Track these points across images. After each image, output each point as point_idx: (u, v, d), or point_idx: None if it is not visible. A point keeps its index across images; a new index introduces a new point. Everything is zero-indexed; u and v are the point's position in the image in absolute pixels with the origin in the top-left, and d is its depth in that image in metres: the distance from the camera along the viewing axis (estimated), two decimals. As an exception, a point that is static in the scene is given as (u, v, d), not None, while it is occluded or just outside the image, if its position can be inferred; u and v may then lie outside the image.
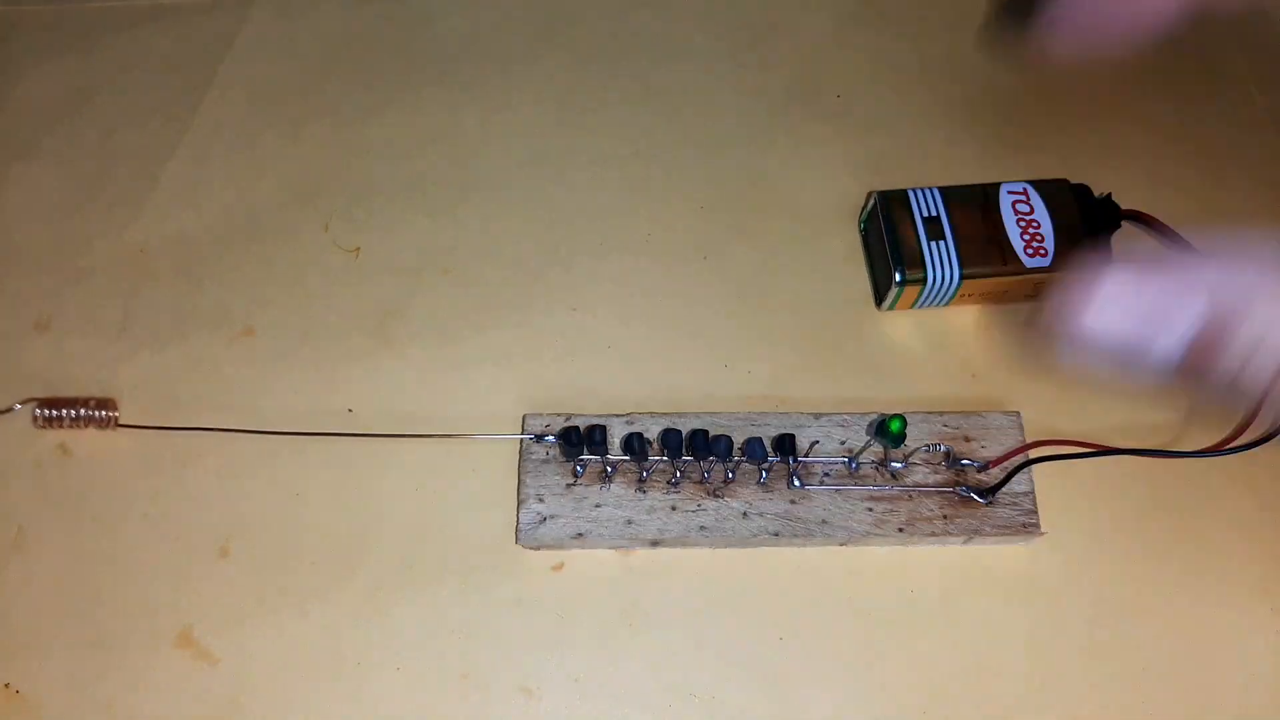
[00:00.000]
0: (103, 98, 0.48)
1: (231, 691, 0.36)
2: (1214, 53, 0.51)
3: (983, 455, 0.39)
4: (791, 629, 0.37)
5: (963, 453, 0.39)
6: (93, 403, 0.39)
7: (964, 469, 0.39)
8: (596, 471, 0.38)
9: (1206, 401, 0.39)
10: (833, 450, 0.39)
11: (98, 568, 0.38)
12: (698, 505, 0.38)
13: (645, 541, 0.38)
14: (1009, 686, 0.37)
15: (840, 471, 0.39)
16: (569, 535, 0.37)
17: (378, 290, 0.44)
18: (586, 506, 0.38)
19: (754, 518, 0.38)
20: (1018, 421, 0.40)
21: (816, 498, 0.38)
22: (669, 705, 0.36)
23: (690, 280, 0.44)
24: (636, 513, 0.38)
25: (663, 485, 0.38)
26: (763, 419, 0.39)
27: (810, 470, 0.39)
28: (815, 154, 0.47)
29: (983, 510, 0.38)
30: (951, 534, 0.38)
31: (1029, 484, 0.38)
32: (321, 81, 0.49)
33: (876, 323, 0.43)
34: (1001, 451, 0.39)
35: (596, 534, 0.37)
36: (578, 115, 0.48)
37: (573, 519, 0.37)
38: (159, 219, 0.45)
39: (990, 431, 0.40)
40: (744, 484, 0.38)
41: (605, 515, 0.37)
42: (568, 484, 0.38)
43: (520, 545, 0.37)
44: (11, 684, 0.36)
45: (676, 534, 0.37)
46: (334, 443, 0.40)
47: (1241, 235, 0.27)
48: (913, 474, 0.39)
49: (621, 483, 0.38)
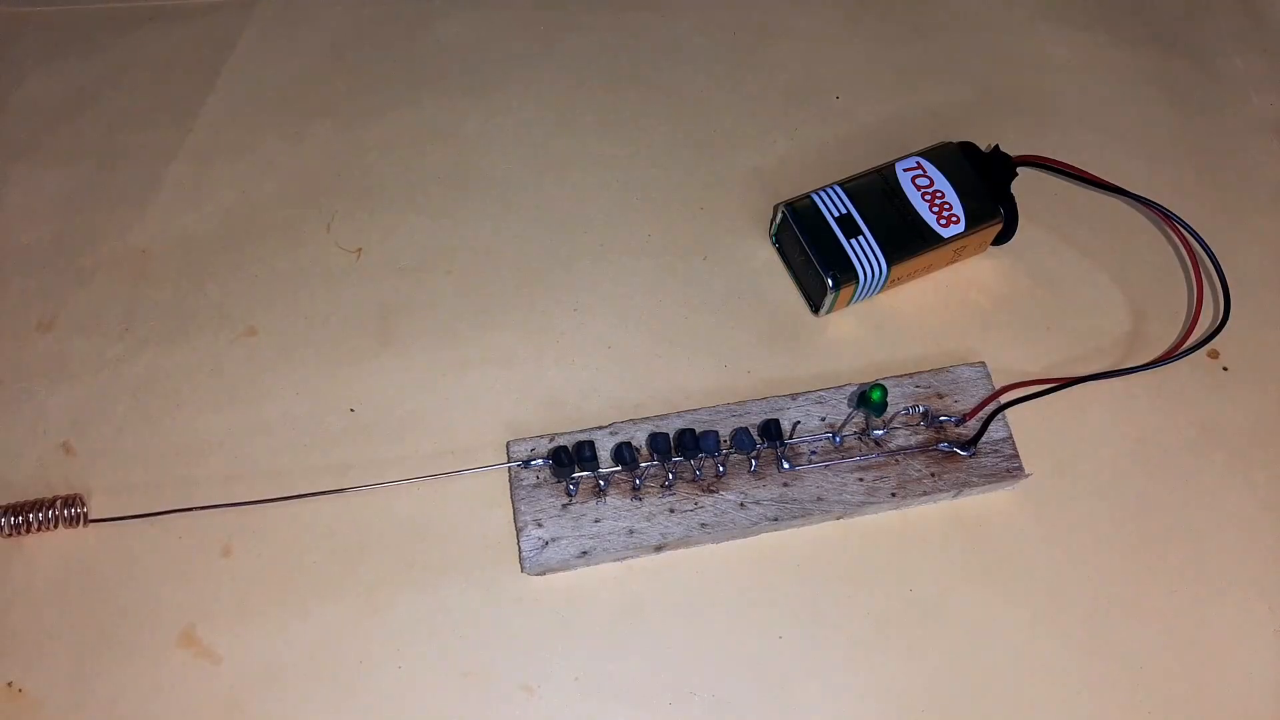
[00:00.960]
0: (105, 98, 0.48)
1: (234, 690, 0.36)
2: (1213, 53, 0.51)
3: (957, 409, 0.40)
4: (792, 627, 0.38)
5: (939, 409, 0.40)
6: (59, 502, 0.38)
7: (943, 425, 0.39)
8: (589, 487, 0.38)
9: None
10: (815, 428, 0.39)
11: (100, 567, 0.38)
12: (695, 504, 0.38)
13: (650, 549, 0.38)
14: (1008, 681, 0.37)
15: (826, 447, 0.39)
16: (573, 555, 0.37)
17: (380, 290, 0.44)
18: (586, 523, 0.38)
19: (751, 506, 0.38)
20: (985, 372, 0.41)
21: (808, 476, 0.38)
22: (669, 703, 0.36)
23: (691, 281, 0.44)
24: (636, 521, 0.38)
25: (657, 490, 0.38)
26: (743, 408, 0.40)
27: (797, 451, 0.39)
28: (814, 154, 0.47)
29: (967, 462, 0.39)
30: (942, 490, 0.38)
31: (1006, 430, 0.39)
32: (324, 83, 0.49)
33: (813, 323, 0.43)
34: (974, 403, 0.40)
35: (600, 549, 0.37)
36: (578, 115, 0.48)
37: (575, 538, 0.37)
38: (161, 219, 0.45)
39: (960, 385, 0.40)
40: (736, 475, 0.38)
41: (606, 529, 0.37)
42: (563, 504, 0.38)
43: (527, 573, 0.37)
44: (14, 683, 0.36)
45: (679, 535, 0.37)
46: (335, 443, 0.40)
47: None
48: (895, 438, 0.39)
49: (616, 494, 0.38)
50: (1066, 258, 0.45)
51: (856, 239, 0.41)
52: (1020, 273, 0.44)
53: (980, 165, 0.43)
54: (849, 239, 0.41)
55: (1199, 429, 0.41)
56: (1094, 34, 0.51)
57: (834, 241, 0.41)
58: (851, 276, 0.41)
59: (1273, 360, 0.43)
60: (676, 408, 0.41)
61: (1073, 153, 0.45)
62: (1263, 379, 0.43)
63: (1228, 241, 0.43)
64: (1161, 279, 0.45)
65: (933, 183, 0.42)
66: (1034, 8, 0.52)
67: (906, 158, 0.43)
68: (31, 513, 0.38)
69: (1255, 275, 0.44)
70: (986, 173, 0.42)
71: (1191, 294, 0.44)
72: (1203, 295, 0.43)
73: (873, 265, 0.41)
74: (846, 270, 0.41)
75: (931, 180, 0.42)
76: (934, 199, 0.42)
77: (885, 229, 0.41)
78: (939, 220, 0.42)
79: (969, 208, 0.42)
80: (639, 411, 0.41)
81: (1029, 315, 0.44)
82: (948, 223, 0.42)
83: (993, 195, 0.42)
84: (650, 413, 0.40)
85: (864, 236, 0.41)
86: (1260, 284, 0.44)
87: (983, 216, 0.42)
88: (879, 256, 0.41)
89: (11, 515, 0.38)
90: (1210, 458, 0.41)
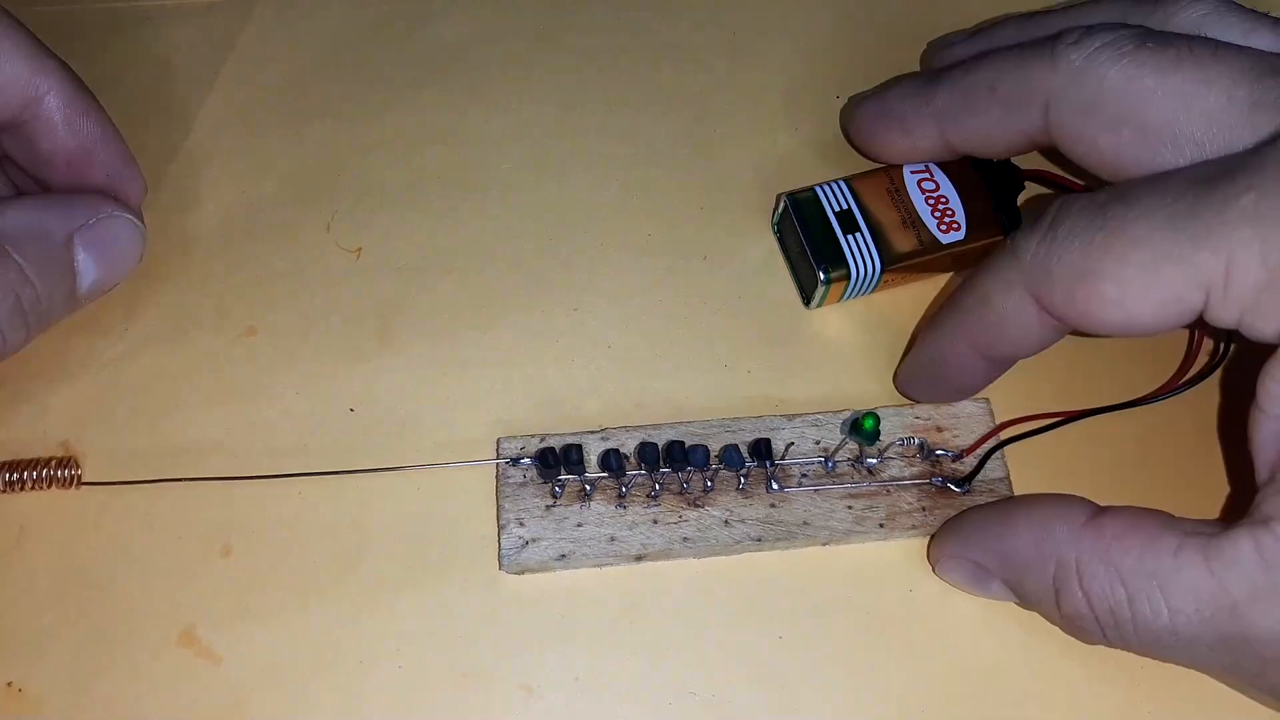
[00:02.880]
0: (104, 98, 0.47)
1: (234, 690, 0.36)
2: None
3: (956, 444, 0.39)
4: (792, 627, 0.38)
5: (936, 443, 0.39)
6: (54, 463, 0.38)
7: (939, 459, 0.39)
8: (575, 490, 0.38)
9: None
10: (808, 450, 0.39)
11: (100, 566, 0.38)
12: (679, 517, 0.38)
13: (629, 558, 0.37)
14: (1008, 680, 0.37)
15: (817, 471, 0.39)
16: (552, 557, 0.37)
17: (380, 290, 0.44)
18: (568, 527, 0.37)
19: (735, 525, 0.38)
20: (987, 409, 0.40)
21: (796, 499, 0.38)
22: (669, 703, 0.36)
23: (691, 280, 0.44)
24: (618, 529, 0.37)
25: (643, 499, 0.38)
26: (736, 424, 0.39)
27: (788, 472, 0.39)
28: (815, 153, 0.47)
29: (960, 499, 0.38)
30: (931, 525, 0.38)
31: (1003, 469, 0.39)
32: (323, 82, 0.49)
33: (810, 320, 0.43)
34: (974, 439, 0.39)
35: (580, 554, 0.37)
36: (578, 115, 0.48)
37: (555, 540, 0.37)
38: (160, 219, 0.45)
39: (961, 420, 0.40)
40: (723, 491, 0.38)
41: (587, 534, 0.37)
42: (547, 505, 0.38)
43: (504, 571, 0.37)
44: (14, 682, 0.36)
45: (660, 547, 0.37)
46: (335, 445, 0.40)
47: None
48: (889, 468, 0.39)
49: (601, 500, 0.38)
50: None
51: (854, 235, 0.41)
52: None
53: (989, 176, 0.42)
54: (846, 234, 0.41)
55: (1196, 434, 0.41)
56: (1094, 34, 0.51)
57: (831, 235, 0.41)
58: (844, 271, 0.41)
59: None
60: (677, 407, 0.41)
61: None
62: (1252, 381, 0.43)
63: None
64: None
65: (938, 187, 0.42)
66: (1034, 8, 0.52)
67: (915, 161, 0.43)
68: (26, 470, 0.38)
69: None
70: (994, 184, 0.42)
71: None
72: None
73: (867, 263, 0.41)
74: (839, 264, 0.41)
75: (938, 185, 0.42)
76: (937, 204, 0.42)
77: (884, 228, 0.41)
78: (940, 225, 0.41)
79: (971, 216, 0.42)
80: (639, 411, 0.41)
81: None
82: (948, 229, 0.41)
83: (998, 207, 0.42)
84: (651, 412, 0.40)
85: (861, 233, 0.41)
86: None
87: (985, 227, 0.42)
88: (874, 255, 0.41)
89: (6, 472, 0.38)
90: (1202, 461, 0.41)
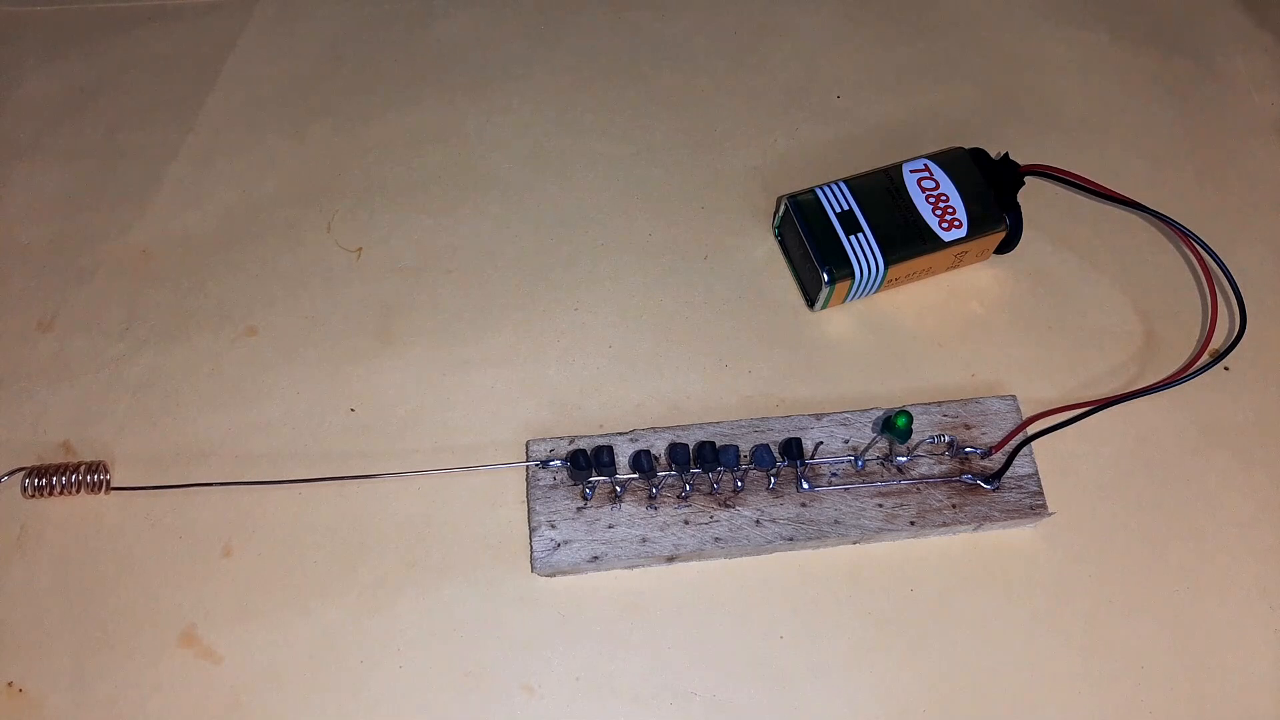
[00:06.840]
0: (105, 98, 0.48)
1: (235, 690, 0.36)
2: (1213, 52, 0.51)
3: (984, 441, 0.39)
4: (793, 628, 0.38)
5: (965, 441, 0.39)
6: (83, 467, 0.38)
7: (968, 457, 0.39)
8: (606, 492, 0.38)
9: None
10: (838, 449, 0.39)
11: (101, 566, 0.38)
12: (710, 517, 0.38)
13: (661, 559, 0.37)
14: (1009, 683, 0.37)
15: (847, 470, 0.39)
16: (585, 559, 0.37)
17: (380, 290, 0.44)
18: (600, 528, 0.37)
19: (767, 524, 0.38)
20: (1015, 405, 0.40)
21: (827, 499, 0.38)
22: (669, 703, 0.36)
23: (692, 280, 0.44)
24: (650, 530, 0.37)
25: (673, 500, 0.38)
26: (765, 424, 0.39)
27: (817, 471, 0.39)
28: (815, 153, 0.47)
29: (990, 496, 0.38)
30: (962, 522, 0.38)
31: (1032, 466, 0.39)
32: (323, 82, 0.49)
33: (815, 323, 0.43)
34: (1001, 436, 0.39)
35: (612, 555, 0.37)
36: (578, 115, 0.48)
37: (587, 542, 0.37)
38: (162, 219, 0.45)
39: (989, 417, 0.40)
40: (754, 491, 0.38)
41: (619, 535, 0.37)
42: (578, 507, 0.38)
43: (537, 574, 0.37)
44: (15, 682, 0.36)
45: (692, 547, 0.37)
46: (336, 445, 0.40)
47: None
48: (918, 466, 0.39)
49: (632, 501, 0.38)
50: (1071, 266, 0.45)
51: (856, 235, 0.41)
52: (1023, 281, 0.44)
53: (988, 172, 0.42)
54: (849, 235, 0.41)
55: (1200, 429, 0.41)
56: (1095, 33, 0.51)
57: (833, 236, 0.41)
58: (848, 272, 0.41)
59: (1273, 359, 0.43)
60: (677, 407, 0.41)
61: (1073, 153, 0.45)
62: (1264, 378, 0.43)
63: (1226, 240, 0.43)
64: (1169, 290, 0.44)
65: (938, 185, 0.42)
66: (1034, 7, 0.52)
67: (914, 159, 0.43)
68: (56, 475, 0.38)
69: (1255, 274, 0.44)
70: (993, 180, 0.42)
71: (1205, 307, 0.44)
72: (1217, 309, 0.43)
73: (870, 263, 0.41)
74: (843, 265, 0.41)
75: (938, 183, 0.42)
76: (938, 202, 0.42)
77: (886, 228, 0.41)
78: (941, 223, 0.41)
79: (972, 213, 0.42)
80: (639, 411, 0.41)
81: (1035, 327, 0.43)
82: (950, 226, 0.41)
83: (998, 202, 0.42)
84: (651, 412, 0.40)
85: (864, 234, 0.41)
86: (1260, 283, 0.44)
87: (986, 223, 0.42)
88: (877, 255, 0.41)
89: (37, 477, 0.38)
90: (1211, 458, 0.41)
